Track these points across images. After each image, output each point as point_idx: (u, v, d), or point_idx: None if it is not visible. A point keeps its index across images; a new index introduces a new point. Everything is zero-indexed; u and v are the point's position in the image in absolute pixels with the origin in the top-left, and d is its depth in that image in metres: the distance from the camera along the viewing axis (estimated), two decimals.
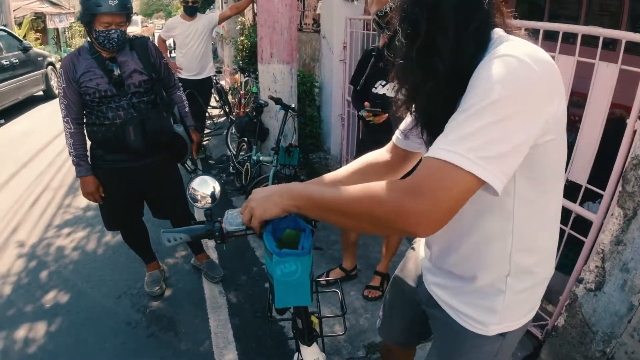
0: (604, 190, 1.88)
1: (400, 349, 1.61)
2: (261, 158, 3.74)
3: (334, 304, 2.62)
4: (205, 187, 1.27)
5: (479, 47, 0.85)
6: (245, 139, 4.25)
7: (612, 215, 1.79)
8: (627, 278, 1.74)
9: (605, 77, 1.80)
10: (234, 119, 5.48)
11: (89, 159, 2.42)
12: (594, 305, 1.90)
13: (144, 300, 2.83)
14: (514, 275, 1.00)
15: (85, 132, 2.40)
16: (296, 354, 1.59)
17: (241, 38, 6.14)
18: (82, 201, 4.37)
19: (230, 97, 6.57)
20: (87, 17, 2.12)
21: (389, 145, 1.29)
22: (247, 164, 4.07)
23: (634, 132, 1.72)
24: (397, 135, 1.24)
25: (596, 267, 1.87)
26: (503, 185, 0.77)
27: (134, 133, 2.28)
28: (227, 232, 1.16)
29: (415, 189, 0.76)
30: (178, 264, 3.26)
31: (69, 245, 3.53)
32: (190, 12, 4.73)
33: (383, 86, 2.49)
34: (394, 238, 2.76)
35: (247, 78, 5.41)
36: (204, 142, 5.78)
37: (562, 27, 1.93)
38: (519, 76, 0.76)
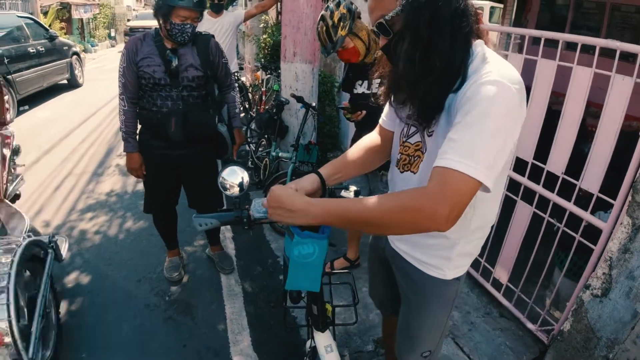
0: (615, 200, 1.92)
1: (396, 319, 1.71)
2: (280, 154, 3.81)
3: (346, 298, 2.70)
4: (234, 177, 1.36)
5: (468, 48, 1.06)
6: (265, 135, 4.33)
7: (620, 224, 1.83)
8: (633, 286, 1.78)
9: (621, 89, 1.85)
10: (254, 115, 5.55)
11: (137, 137, 2.55)
12: (599, 312, 1.94)
13: (163, 285, 2.94)
14: (466, 233, 1.25)
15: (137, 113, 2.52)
16: (309, 341, 1.66)
17: (264, 36, 6.20)
18: (105, 187, 4.51)
19: (250, 94, 6.66)
20: (166, 8, 2.21)
21: (377, 129, 1.51)
22: (266, 159, 4.15)
23: None
24: (383, 118, 1.46)
25: (603, 274, 1.91)
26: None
27: (175, 125, 2.38)
28: (254, 219, 1.25)
29: (441, 197, 0.95)
30: (197, 252, 3.37)
31: (91, 229, 3.65)
32: (217, 9, 4.78)
33: (360, 85, 2.64)
34: None
35: (268, 75, 5.47)
36: None
37: (580, 39, 1.96)
38: (506, 99, 0.97)
